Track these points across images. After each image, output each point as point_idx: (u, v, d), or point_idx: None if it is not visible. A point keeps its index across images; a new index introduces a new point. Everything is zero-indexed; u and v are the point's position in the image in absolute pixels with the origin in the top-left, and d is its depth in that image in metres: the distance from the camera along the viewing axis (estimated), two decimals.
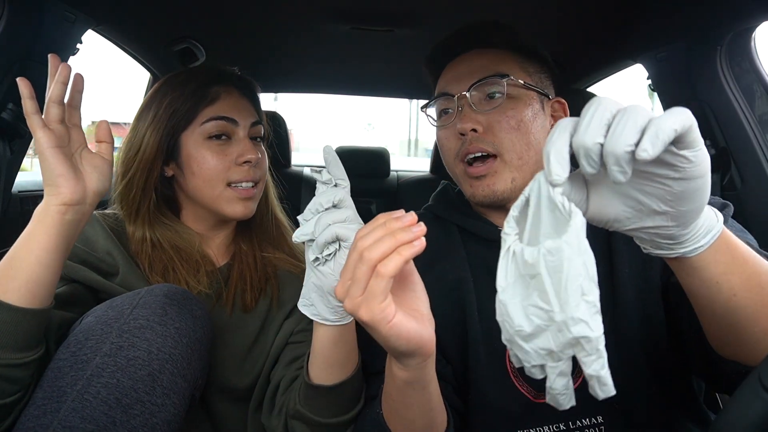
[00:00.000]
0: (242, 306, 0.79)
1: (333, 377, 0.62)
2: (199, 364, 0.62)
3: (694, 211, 0.39)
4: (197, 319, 0.63)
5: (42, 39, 0.98)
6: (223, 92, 0.80)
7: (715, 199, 0.66)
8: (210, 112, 0.78)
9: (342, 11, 1.15)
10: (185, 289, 0.66)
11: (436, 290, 0.71)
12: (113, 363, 0.54)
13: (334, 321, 0.58)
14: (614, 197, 0.40)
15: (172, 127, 0.77)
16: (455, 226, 0.76)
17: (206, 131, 0.77)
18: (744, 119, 1.02)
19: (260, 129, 0.83)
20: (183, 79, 0.80)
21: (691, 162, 0.35)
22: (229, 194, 0.77)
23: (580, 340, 0.33)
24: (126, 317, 0.58)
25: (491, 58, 0.71)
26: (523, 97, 0.70)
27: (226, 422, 0.76)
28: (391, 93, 2.22)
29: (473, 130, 0.68)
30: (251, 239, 0.87)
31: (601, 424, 0.65)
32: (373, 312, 0.41)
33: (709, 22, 0.97)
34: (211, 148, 0.77)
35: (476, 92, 0.70)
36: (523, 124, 0.68)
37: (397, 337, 0.43)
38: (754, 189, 1.02)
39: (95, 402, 0.52)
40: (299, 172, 2.26)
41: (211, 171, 0.76)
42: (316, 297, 0.57)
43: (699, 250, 0.42)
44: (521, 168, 0.68)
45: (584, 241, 0.34)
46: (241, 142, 0.79)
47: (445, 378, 0.68)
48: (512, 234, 0.40)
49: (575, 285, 0.33)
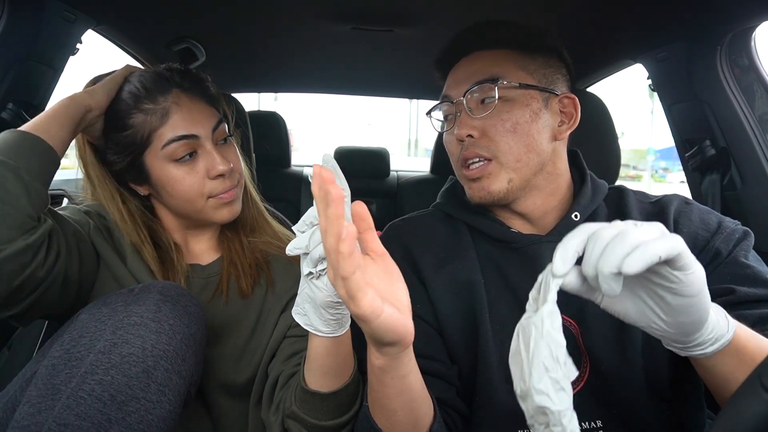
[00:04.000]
0: (239, 292, 0.79)
1: (329, 385, 0.62)
2: (194, 359, 0.62)
3: (691, 324, 0.43)
4: (191, 316, 0.63)
5: (42, 39, 0.98)
6: (172, 104, 0.72)
7: (736, 226, 0.67)
8: (166, 133, 0.71)
9: (342, 11, 1.15)
10: (179, 285, 0.66)
11: (447, 290, 0.71)
12: (107, 360, 0.54)
13: (327, 333, 0.58)
14: (625, 296, 0.44)
15: (130, 154, 0.73)
16: (465, 224, 0.76)
17: (170, 155, 0.71)
18: (744, 119, 1.02)
19: (224, 128, 0.77)
20: (127, 97, 0.73)
21: (682, 282, 0.40)
22: (212, 204, 0.76)
23: (544, 410, 0.38)
24: (120, 314, 0.58)
25: (488, 60, 0.71)
26: (519, 99, 0.69)
27: (225, 417, 0.76)
28: (391, 93, 2.22)
29: (469, 135, 0.69)
30: (235, 226, 0.86)
31: (600, 428, 0.65)
32: (364, 308, 0.41)
33: (709, 22, 0.97)
34: (180, 169, 0.72)
35: (472, 97, 0.70)
36: (520, 126, 0.67)
37: (385, 329, 0.44)
38: (754, 189, 1.02)
39: (90, 399, 0.52)
40: (299, 172, 2.26)
41: (186, 191, 0.73)
42: (309, 308, 0.57)
43: (706, 355, 0.47)
44: (519, 170, 0.68)
45: (550, 326, 0.40)
46: (208, 155, 0.73)
47: (449, 380, 0.68)
48: (529, 311, 0.44)
49: (538, 361, 0.39)
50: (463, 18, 0.83)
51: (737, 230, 0.66)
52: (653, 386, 0.63)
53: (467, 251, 0.73)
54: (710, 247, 0.64)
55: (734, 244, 0.64)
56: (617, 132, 1.15)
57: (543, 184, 0.71)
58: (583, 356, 0.65)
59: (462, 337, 0.69)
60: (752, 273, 0.62)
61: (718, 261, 0.64)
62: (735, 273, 0.62)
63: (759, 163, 1.01)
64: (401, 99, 2.56)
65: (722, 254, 0.64)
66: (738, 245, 0.64)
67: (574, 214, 0.70)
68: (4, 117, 0.95)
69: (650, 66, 1.17)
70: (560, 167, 0.73)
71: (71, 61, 1.08)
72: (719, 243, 0.64)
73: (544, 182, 0.71)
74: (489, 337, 0.67)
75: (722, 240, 0.65)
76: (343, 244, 0.38)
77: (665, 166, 21.50)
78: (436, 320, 0.70)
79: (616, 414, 0.64)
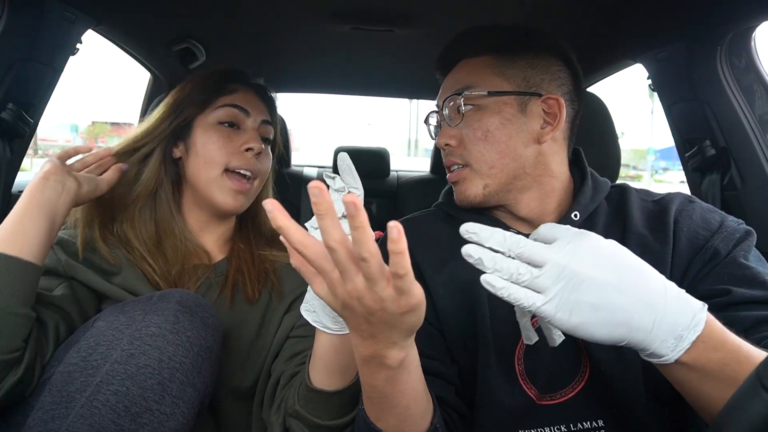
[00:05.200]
0: (245, 298, 0.79)
1: (334, 383, 0.62)
2: (209, 372, 0.62)
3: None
4: (209, 328, 0.62)
5: (42, 39, 0.97)
6: (242, 88, 0.84)
7: (739, 225, 0.66)
8: (225, 101, 0.82)
9: (342, 11, 1.15)
10: (198, 296, 0.66)
11: (448, 290, 0.71)
12: (123, 371, 0.54)
13: (336, 330, 0.57)
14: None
15: (187, 109, 0.81)
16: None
17: (218, 117, 0.81)
18: (744, 119, 1.02)
19: (270, 130, 0.86)
20: (205, 74, 0.85)
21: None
22: (223, 182, 0.78)
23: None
24: (138, 324, 0.58)
25: (467, 69, 0.73)
26: (490, 106, 0.69)
27: (229, 420, 0.76)
28: (391, 93, 2.22)
29: (447, 144, 0.72)
30: (248, 237, 0.88)
31: (601, 427, 0.65)
32: (419, 295, 0.42)
33: (709, 22, 0.97)
34: (219, 132, 0.80)
35: (448, 107, 0.72)
36: (491, 134, 0.69)
37: (424, 310, 0.44)
38: (754, 189, 1.02)
39: (104, 410, 0.52)
40: (299, 172, 2.26)
41: (212, 153, 0.79)
42: (319, 305, 0.57)
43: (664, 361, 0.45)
44: (493, 176, 0.69)
45: None
46: (248, 132, 0.82)
47: (449, 379, 0.68)
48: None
49: None
50: (463, 18, 0.83)
51: (738, 230, 0.65)
52: (653, 387, 0.63)
53: None
54: (709, 247, 0.64)
55: (734, 244, 0.63)
56: (617, 132, 1.15)
57: (532, 185, 0.71)
58: (582, 356, 0.66)
59: (462, 336, 0.69)
60: (751, 274, 0.60)
61: (717, 261, 0.63)
62: (733, 273, 0.61)
63: (759, 163, 1.01)
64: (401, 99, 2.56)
65: (721, 254, 0.63)
66: (738, 245, 0.63)
67: (574, 213, 0.70)
68: (4, 117, 0.95)
69: (650, 66, 1.17)
70: (553, 169, 0.72)
71: (71, 61, 1.08)
72: (718, 242, 0.64)
73: (534, 184, 0.71)
74: (489, 337, 0.67)
75: (722, 239, 0.64)
76: (397, 244, 0.38)
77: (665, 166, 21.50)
78: (437, 319, 0.70)
79: (617, 414, 0.64)
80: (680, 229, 0.66)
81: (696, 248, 0.64)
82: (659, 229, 0.67)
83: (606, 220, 0.71)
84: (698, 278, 0.63)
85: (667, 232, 0.66)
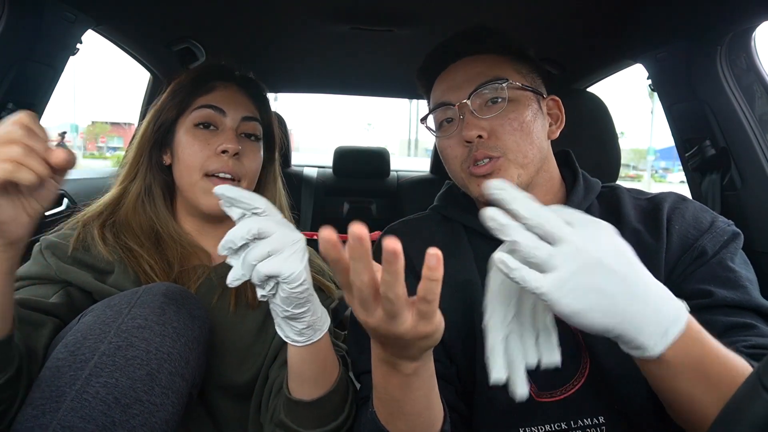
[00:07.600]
0: (246, 303, 0.79)
1: (310, 392, 0.63)
2: (197, 362, 0.62)
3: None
4: (195, 319, 0.63)
5: (42, 39, 0.97)
6: (220, 85, 0.81)
7: (728, 226, 0.67)
8: (201, 101, 0.79)
9: (342, 11, 1.15)
10: (184, 288, 0.66)
11: (445, 290, 0.70)
12: (112, 363, 0.54)
13: (303, 342, 0.60)
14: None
15: (164, 113, 0.80)
16: (461, 225, 0.77)
17: (193, 119, 0.79)
18: (744, 119, 1.02)
19: (254, 126, 0.82)
20: (188, 73, 0.84)
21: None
22: (204, 185, 0.76)
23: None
24: (124, 316, 0.58)
25: (486, 63, 0.72)
26: (522, 99, 0.71)
27: (226, 419, 0.76)
28: (391, 93, 2.22)
29: (479, 136, 0.69)
30: None
31: (602, 424, 0.65)
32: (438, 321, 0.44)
33: (709, 22, 0.97)
34: (196, 136, 0.78)
35: (476, 99, 0.70)
36: (525, 125, 0.69)
37: (442, 330, 0.46)
38: (754, 189, 1.02)
39: (94, 402, 0.52)
40: (299, 172, 2.26)
41: (191, 157, 0.77)
42: (281, 321, 0.59)
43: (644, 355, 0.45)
44: (526, 166, 0.69)
45: None
46: (225, 133, 0.78)
47: (448, 380, 0.68)
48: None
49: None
50: (463, 18, 0.83)
51: (727, 231, 0.65)
52: None
53: (464, 252, 0.73)
54: (697, 246, 0.65)
55: (722, 245, 0.64)
56: (617, 132, 1.15)
57: (541, 182, 0.73)
58: (582, 351, 0.66)
59: (459, 337, 0.69)
60: (734, 277, 0.61)
61: (702, 260, 0.64)
62: (717, 275, 0.62)
63: (759, 163, 1.01)
64: (401, 99, 2.56)
65: (707, 254, 0.64)
66: (726, 247, 0.64)
67: None
68: (4, 117, 0.95)
69: (650, 66, 1.17)
70: (551, 166, 0.75)
71: (71, 61, 1.08)
72: (707, 242, 0.64)
73: (542, 180, 0.73)
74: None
75: (710, 239, 0.65)
76: (434, 272, 0.40)
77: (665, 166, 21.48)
78: None
79: (618, 410, 0.65)
80: (673, 226, 0.67)
81: (685, 246, 0.65)
82: (653, 226, 0.68)
83: (599, 217, 0.72)
84: (684, 276, 0.64)
85: (661, 228, 0.67)
